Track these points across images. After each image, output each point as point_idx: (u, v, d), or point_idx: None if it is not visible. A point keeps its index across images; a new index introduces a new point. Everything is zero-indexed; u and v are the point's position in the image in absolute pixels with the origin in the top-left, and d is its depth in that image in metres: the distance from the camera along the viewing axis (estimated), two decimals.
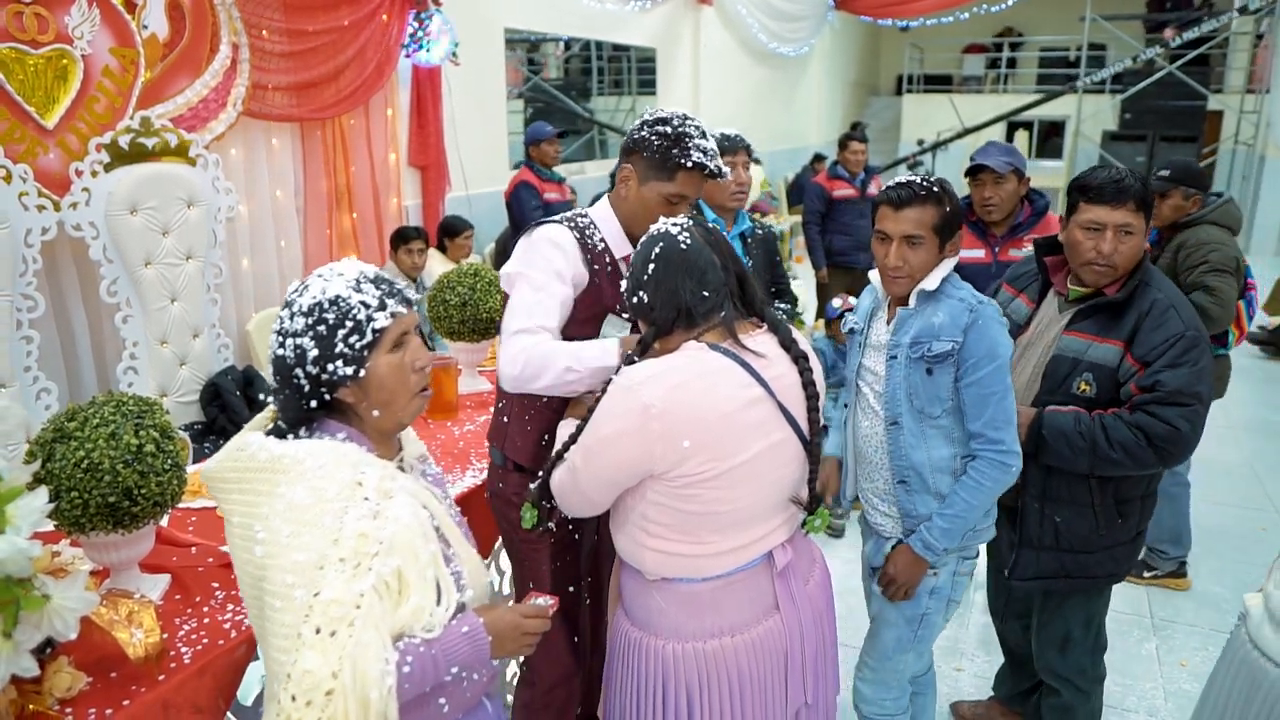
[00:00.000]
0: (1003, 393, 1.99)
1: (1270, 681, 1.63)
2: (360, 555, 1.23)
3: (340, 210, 4.59)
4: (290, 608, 1.20)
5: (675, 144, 1.93)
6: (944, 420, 2.04)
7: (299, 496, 1.25)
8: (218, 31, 3.70)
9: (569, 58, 10.52)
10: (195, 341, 3.66)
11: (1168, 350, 2.04)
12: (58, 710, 1.53)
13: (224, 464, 1.35)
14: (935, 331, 2.00)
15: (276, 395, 1.36)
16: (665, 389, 1.54)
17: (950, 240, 2.05)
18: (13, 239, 2.98)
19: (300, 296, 1.35)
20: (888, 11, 11.90)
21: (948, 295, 2.04)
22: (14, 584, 1.39)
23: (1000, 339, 1.99)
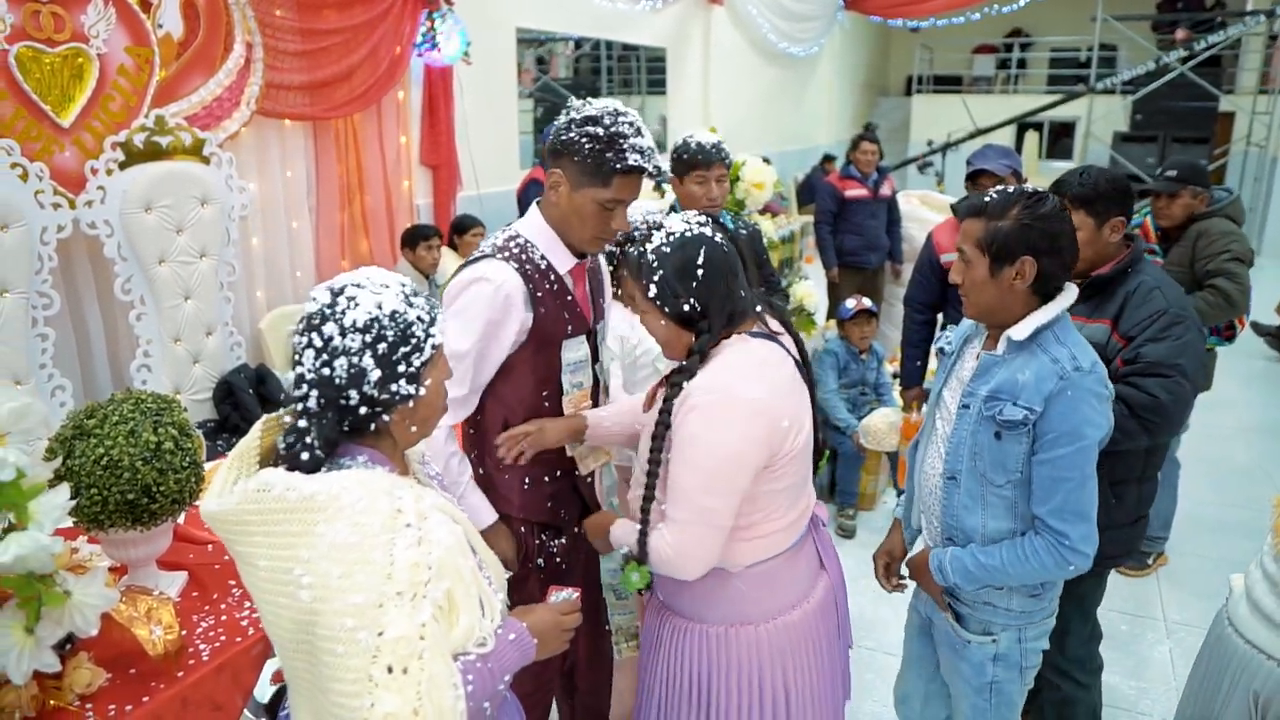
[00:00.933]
0: (1080, 480, 1.73)
1: (1239, 656, 1.74)
2: (415, 585, 1.19)
3: (352, 208, 4.61)
4: (355, 651, 1.15)
5: (609, 147, 1.75)
6: (1008, 491, 1.81)
7: (342, 536, 1.18)
8: (231, 30, 3.71)
9: (579, 57, 10.52)
10: (208, 339, 3.68)
11: (1150, 325, 2.15)
12: (78, 706, 1.54)
13: (244, 506, 1.26)
14: (1016, 391, 1.74)
15: (316, 419, 1.26)
16: (751, 381, 1.61)
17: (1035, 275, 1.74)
18: (29, 237, 3.00)
19: (350, 311, 1.25)
20: (898, 12, 11.88)
21: (1043, 350, 1.76)
22: (36, 580, 1.41)
23: (1092, 417, 1.72)
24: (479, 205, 5.48)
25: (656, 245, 1.65)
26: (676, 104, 8.58)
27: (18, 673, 1.41)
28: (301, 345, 1.26)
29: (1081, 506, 1.74)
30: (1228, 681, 1.73)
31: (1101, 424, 1.75)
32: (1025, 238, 1.71)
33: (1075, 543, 1.74)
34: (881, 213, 5.81)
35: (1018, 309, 1.77)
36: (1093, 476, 1.74)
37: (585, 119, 1.77)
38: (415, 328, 1.28)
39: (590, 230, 1.85)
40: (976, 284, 1.78)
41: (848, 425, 4.30)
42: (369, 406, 1.27)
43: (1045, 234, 1.71)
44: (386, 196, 4.76)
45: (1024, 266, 1.72)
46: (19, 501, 1.37)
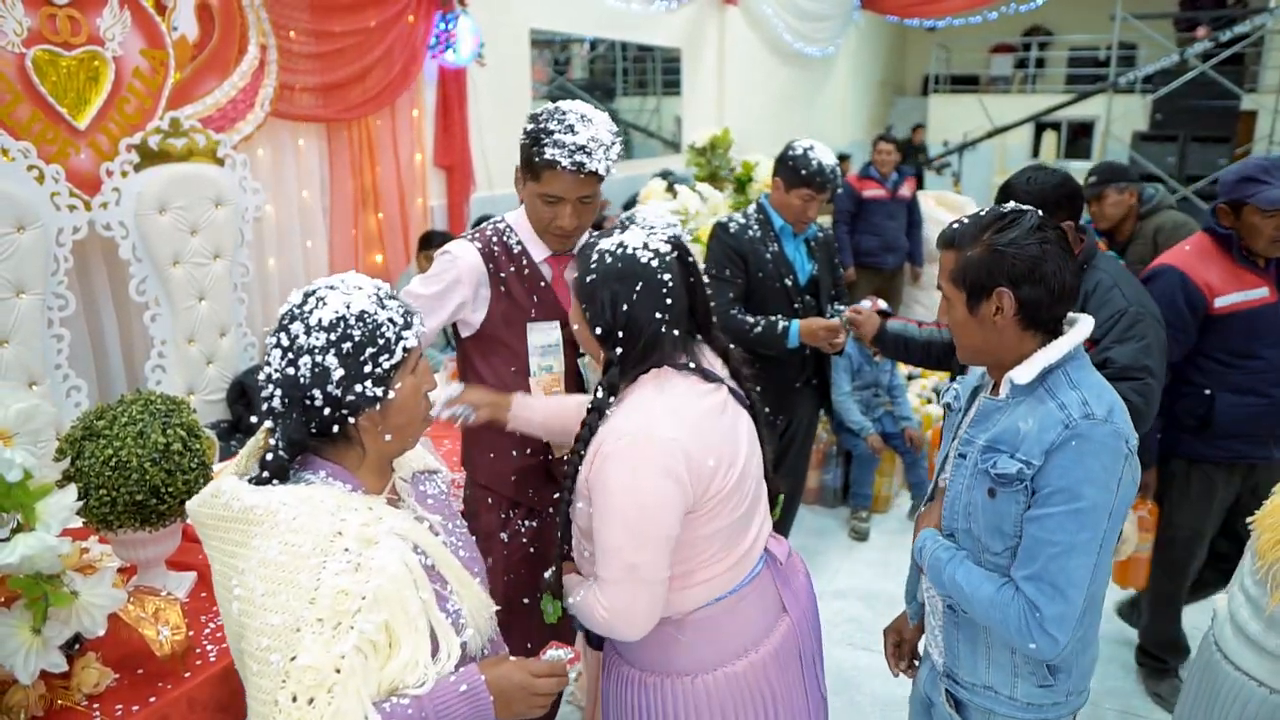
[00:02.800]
0: (1066, 548, 1.45)
1: (1230, 684, 1.66)
2: (340, 614, 1.14)
3: (366, 210, 4.62)
4: (266, 672, 1.13)
5: (535, 142, 1.88)
6: (1005, 559, 1.56)
7: (272, 553, 1.16)
8: (246, 33, 3.73)
9: (594, 58, 10.53)
10: (222, 340, 3.70)
11: (1113, 327, 2.14)
12: (86, 706, 1.54)
13: (201, 509, 1.27)
14: (1016, 442, 1.51)
15: (281, 419, 1.23)
16: (670, 421, 1.50)
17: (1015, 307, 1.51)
18: (45, 238, 3.02)
19: (316, 310, 1.22)
20: (914, 11, 11.81)
21: (1051, 395, 1.52)
22: (43, 580, 1.41)
23: (1097, 475, 1.45)
24: (493, 206, 5.49)
25: (605, 249, 1.57)
26: (691, 104, 8.56)
27: (25, 672, 1.41)
28: (270, 345, 1.25)
29: (1062, 580, 1.45)
30: (1219, 709, 1.67)
31: (1109, 486, 1.46)
32: (998, 266, 1.50)
33: (1046, 621, 1.46)
34: (900, 214, 5.79)
35: (1012, 347, 1.55)
36: (1087, 549, 1.46)
37: (530, 116, 1.94)
38: (385, 329, 1.24)
39: (540, 223, 2.00)
40: (958, 324, 1.58)
41: (861, 427, 4.28)
42: (333, 408, 1.22)
43: (1020, 259, 1.48)
44: (400, 198, 4.77)
45: (1001, 299, 1.50)
46: (26, 502, 1.38)
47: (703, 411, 1.55)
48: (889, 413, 4.41)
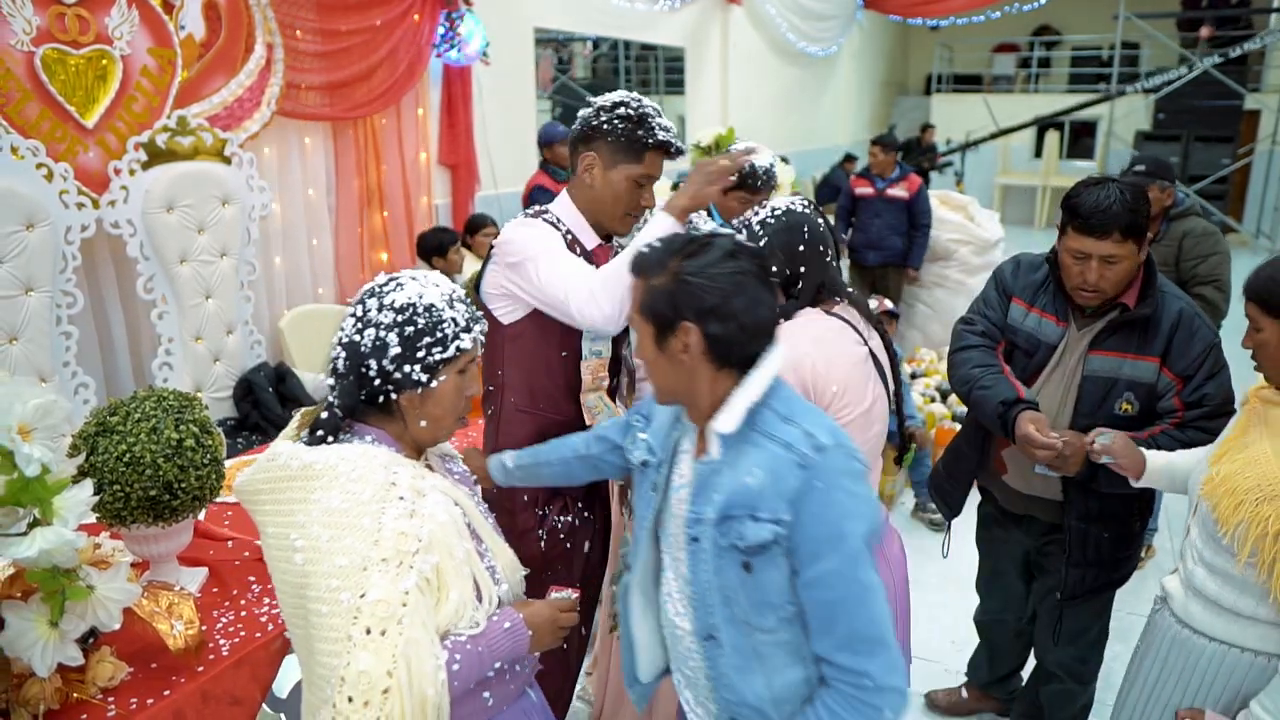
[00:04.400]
0: (859, 595, 1.29)
1: (1207, 655, 1.71)
2: (401, 554, 1.23)
3: (371, 209, 4.63)
4: (337, 611, 1.20)
5: (639, 124, 1.91)
6: (784, 633, 1.37)
7: (334, 501, 1.24)
8: (252, 31, 3.75)
9: (597, 57, 10.54)
10: (229, 338, 3.71)
11: (1204, 361, 2.04)
12: (100, 699, 1.56)
13: (257, 476, 1.35)
14: (751, 501, 1.32)
15: (340, 379, 1.35)
16: (809, 342, 1.71)
17: (696, 343, 1.33)
18: (53, 236, 3.04)
19: (393, 291, 1.35)
20: (917, 11, 11.82)
21: (766, 437, 1.34)
22: (60, 574, 1.43)
23: (852, 507, 1.30)
24: (497, 205, 5.50)
25: (763, 217, 1.87)
26: (695, 104, 8.57)
27: (42, 666, 1.43)
28: (348, 314, 1.37)
29: (875, 629, 1.30)
30: (1203, 684, 1.71)
31: (865, 513, 1.32)
32: (682, 298, 1.32)
33: (879, 679, 1.29)
34: (888, 213, 5.82)
35: (706, 389, 1.37)
36: (875, 584, 1.31)
37: (614, 104, 1.93)
38: (447, 325, 1.35)
39: (624, 206, 1.97)
40: (649, 361, 1.41)
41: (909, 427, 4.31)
42: (382, 380, 1.33)
43: (709, 291, 1.31)
44: (405, 197, 4.79)
45: (687, 334, 1.33)
46: (44, 497, 1.39)
47: (844, 350, 1.77)
48: (892, 412, 4.42)
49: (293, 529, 1.26)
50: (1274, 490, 1.57)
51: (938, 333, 5.73)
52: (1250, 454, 1.65)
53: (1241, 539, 1.60)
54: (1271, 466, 1.59)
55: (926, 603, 3.54)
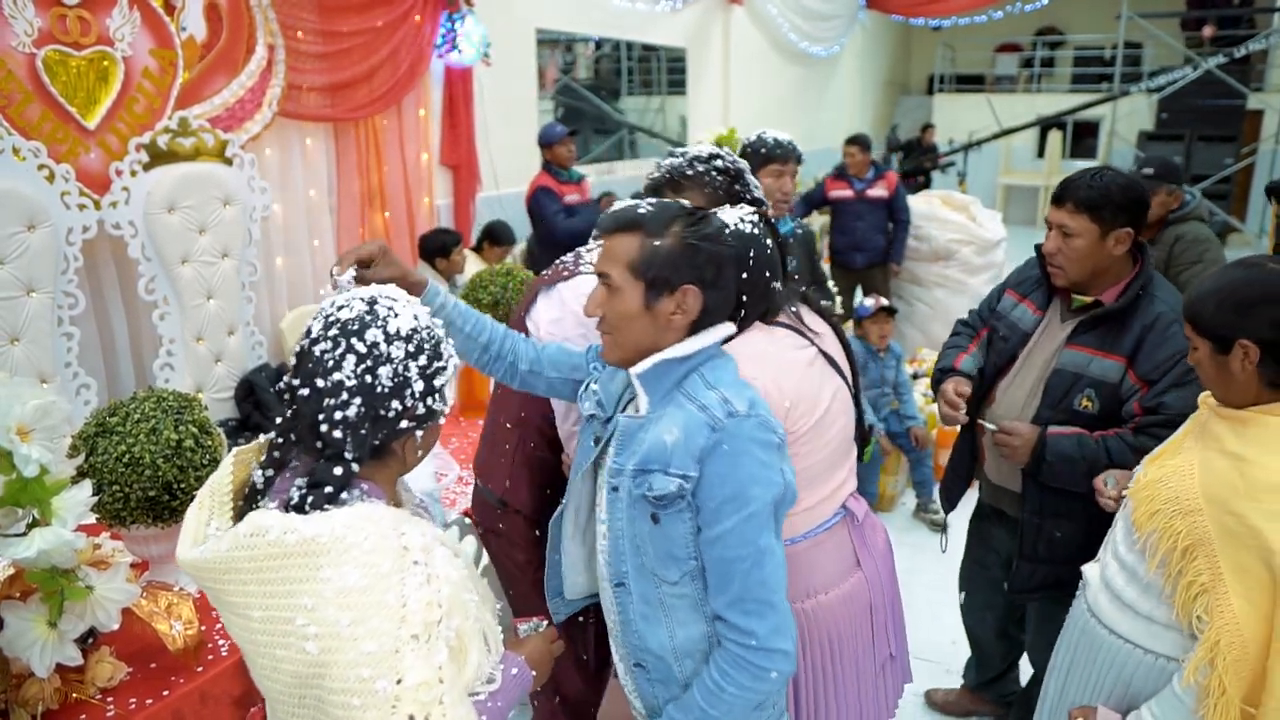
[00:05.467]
0: (755, 557, 1.36)
1: (1106, 648, 1.70)
2: (429, 626, 1.12)
3: (373, 210, 4.64)
4: (374, 703, 1.09)
5: (737, 180, 1.89)
6: (687, 587, 1.44)
7: (351, 580, 1.10)
8: (254, 33, 3.75)
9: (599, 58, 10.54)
10: (230, 339, 3.71)
11: (1171, 369, 2.00)
12: (99, 699, 1.56)
13: (236, 553, 1.15)
14: (666, 457, 1.39)
15: (353, 430, 1.18)
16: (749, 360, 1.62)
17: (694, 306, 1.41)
18: (55, 237, 3.04)
19: (393, 320, 1.21)
20: (919, 10, 11.82)
21: (688, 398, 1.41)
22: (59, 575, 1.43)
23: (758, 473, 1.37)
24: (499, 206, 5.51)
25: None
26: (697, 104, 8.57)
27: (41, 666, 1.43)
28: (336, 352, 1.19)
29: (765, 591, 1.37)
30: (1097, 674, 1.71)
31: (773, 480, 1.38)
32: (691, 261, 1.39)
33: (764, 639, 1.36)
34: (870, 214, 5.81)
35: (668, 343, 1.43)
36: (772, 549, 1.38)
37: (708, 156, 1.89)
38: (443, 345, 1.26)
39: None
40: (625, 317, 1.41)
41: (869, 425, 4.29)
42: (408, 420, 1.22)
43: (713, 259, 1.40)
44: (407, 197, 4.79)
45: (686, 297, 1.39)
46: (43, 497, 1.39)
47: (789, 360, 1.71)
48: (894, 411, 4.41)
49: (298, 613, 1.10)
50: (1190, 505, 1.54)
51: (939, 332, 5.73)
52: (1178, 463, 1.63)
53: (1153, 547, 1.59)
54: (1193, 480, 1.56)
55: (929, 601, 3.54)
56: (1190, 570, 1.52)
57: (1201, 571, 1.50)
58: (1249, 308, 1.50)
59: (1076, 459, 2.05)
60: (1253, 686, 1.46)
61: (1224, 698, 1.45)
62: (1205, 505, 1.52)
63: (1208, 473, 1.55)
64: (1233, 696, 1.45)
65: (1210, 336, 1.56)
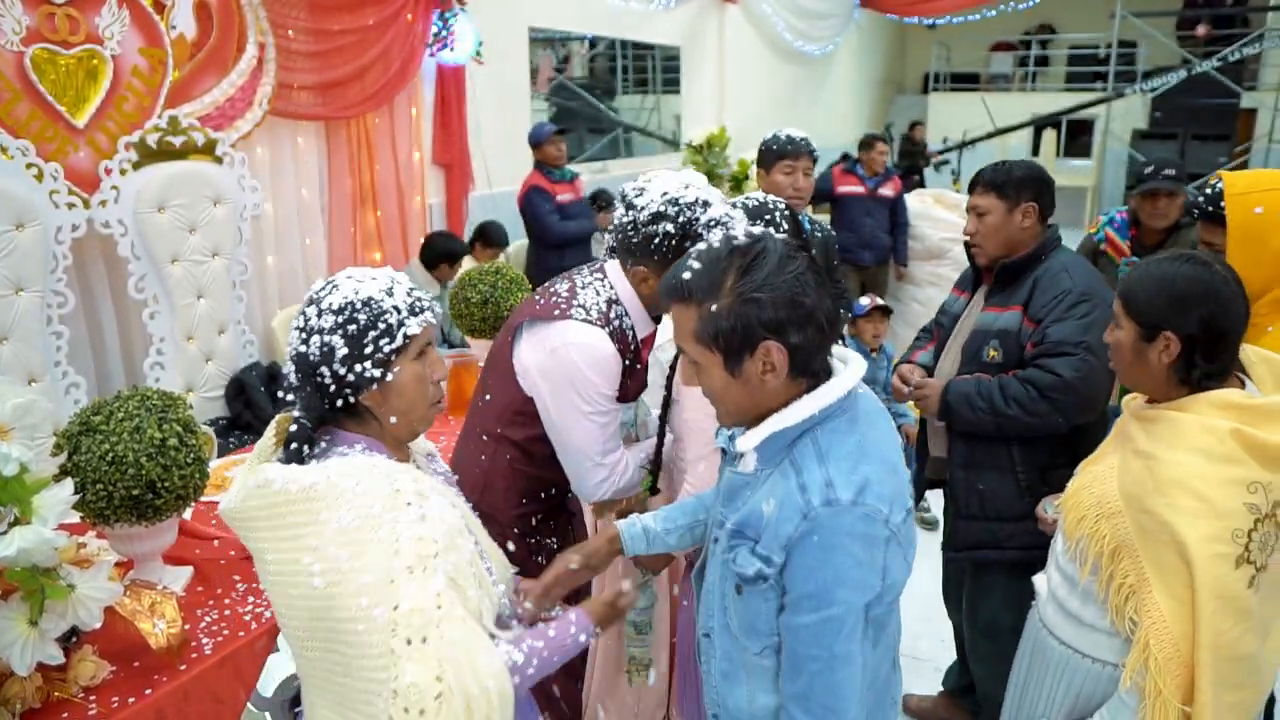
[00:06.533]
0: (828, 662, 1.25)
1: (1056, 658, 1.71)
2: (423, 559, 1.22)
3: (364, 209, 4.63)
4: (374, 628, 1.19)
5: (684, 237, 1.75)
6: (768, 660, 1.34)
7: (346, 520, 1.22)
8: (244, 31, 3.74)
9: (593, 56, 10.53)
10: (221, 338, 3.71)
11: (1055, 306, 2.17)
12: (82, 698, 1.56)
13: (250, 503, 1.30)
14: (759, 528, 1.28)
15: (298, 393, 1.33)
16: None
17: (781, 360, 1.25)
18: (44, 236, 3.04)
19: (329, 295, 1.32)
20: (914, 9, 11.82)
21: (795, 469, 1.27)
22: (40, 573, 1.43)
23: (849, 574, 1.22)
24: (491, 205, 5.50)
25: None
26: (691, 103, 8.57)
27: (21, 665, 1.43)
28: (292, 327, 1.35)
29: (833, 699, 1.26)
30: (1049, 685, 1.72)
31: (867, 584, 1.24)
32: (758, 316, 1.23)
33: None
34: (879, 212, 5.83)
35: (779, 402, 1.30)
36: (851, 658, 1.25)
37: (651, 217, 1.75)
38: (389, 315, 1.31)
39: None
40: (718, 390, 1.31)
41: None
42: (338, 384, 1.30)
43: (784, 301, 1.23)
44: (399, 196, 4.79)
45: (770, 354, 1.24)
46: (22, 496, 1.39)
47: None
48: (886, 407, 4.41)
49: (304, 553, 1.23)
50: (1111, 508, 1.56)
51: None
52: (1101, 468, 1.66)
53: (1083, 554, 1.61)
54: (1112, 484, 1.58)
55: (918, 600, 3.55)
56: (1118, 573, 1.54)
57: (1128, 573, 1.52)
58: (1184, 302, 1.51)
59: (973, 394, 2.22)
60: (1190, 684, 1.45)
61: (1160, 699, 1.45)
62: (1125, 506, 1.54)
63: (1124, 474, 1.57)
64: (1169, 697, 1.44)
65: (1139, 321, 1.57)
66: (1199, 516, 1.44)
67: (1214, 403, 1.51)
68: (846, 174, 5.94)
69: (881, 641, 1.34)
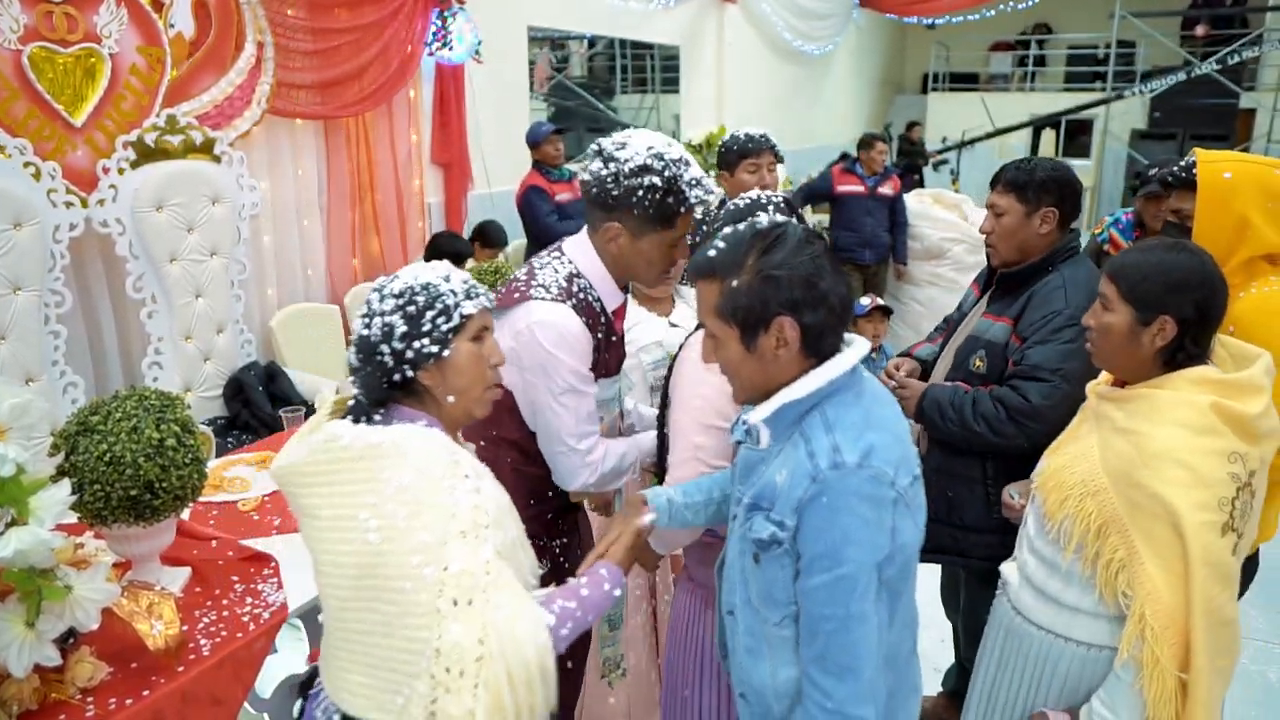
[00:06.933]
0: (843, 621, 1.28)
1: (1034, 643, 1.73)
2: (476, 527, 1.28)
3: (363, 206, 4.63)
4: (423, 586, 1.24)
5: (668, 193, 1.73)
6: (787, 630, 1.38)
7: (407, 479, 1.27)
8: (243, 30, 3.74)
9: (593, 56, 10.53)
10: (219, 337, 3.70)
11: (1042, 326, 2.12)
12: (79, 699, 1.55)
13: (316, 457, 1.35)
14: (772, 498, 1.34)
15: (358, 373, 1.39)
16: None
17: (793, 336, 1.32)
18: (42, 235, 3.03)
19: (390, 283, 1.40)
20: (913, 9, 11.81)
21: (805, 439, 1.33)
22: (37, 575, 1.42)
23: (857, 533, 1.27)
24: (490, 204, 5.49)
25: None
26: (690, 103, 8.56)
27: (18, 666, 1.42)
28: (358, 315, 1.42)
29: (849, 657, 1.29)
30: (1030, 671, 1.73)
31: (875, 543, 1.28)
32: (775, 293, 1.31)
33: (841, 702, 1.30)
34: (879, 211, 5.84)
35: (792, 376, 1.36)
36: (865, 616, 1.28)
37: (637, 170, 1.71)
38: (446, 297, 1.38)
39: (658, 269, 1.87)
40: (735, 363, 1.38)
41: None
42: (396, 361, 1.36)
43: (800, 280, 1.31)
44: (398, 195, 4.78)
45: (783, 329, 1.31)
46: (19, 497, 1.38)
47: None
48: None
49: (362, 509, 1.28)
50: (1096, 485, 1.59)
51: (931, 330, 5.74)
52: (1079, 448, 1.68)
53: (1067, 533, 1.63)
54: (1094, 463, 1.61)
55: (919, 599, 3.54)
56: (1106, 549, 1.57)
57: (1117, 548, 1.56)
58: (1182, 287, 1.55)
59: (946, 404, 2.19)
60: (1184, 652, 1.50)
61: (1158, 668, 1.50)
62: (1110, 483, 1.57)
63: (1106, 451, 1.60)
64: (1166, 665, 1.49)
65: (1136, 305, 1.58)
66: (1188, 486, 1.48)
67: (1191, 379, 1.56)
68: (846, 173, 5.94)
69: (898, 615, 1.38)
